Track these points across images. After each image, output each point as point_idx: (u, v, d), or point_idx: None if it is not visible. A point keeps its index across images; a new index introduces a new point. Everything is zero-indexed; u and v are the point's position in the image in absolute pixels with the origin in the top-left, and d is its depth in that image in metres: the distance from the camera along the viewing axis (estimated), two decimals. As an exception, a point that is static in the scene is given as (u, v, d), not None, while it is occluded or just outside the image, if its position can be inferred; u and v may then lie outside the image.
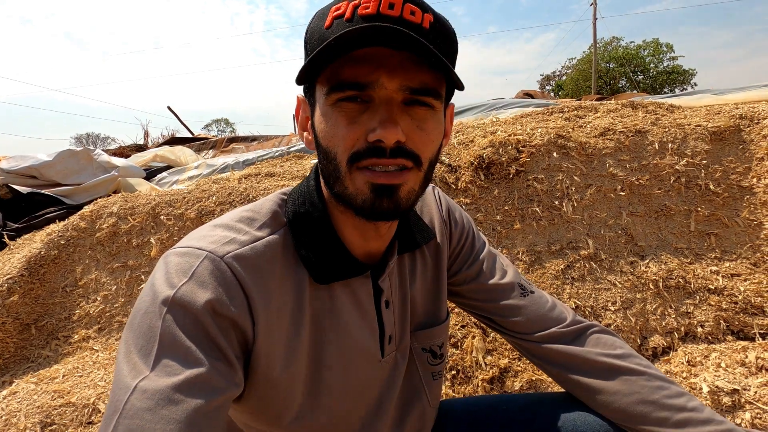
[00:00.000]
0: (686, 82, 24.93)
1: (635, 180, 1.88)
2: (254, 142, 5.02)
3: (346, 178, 0.52)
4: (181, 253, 0.51)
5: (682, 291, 1.69)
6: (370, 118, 0.50)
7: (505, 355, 1.60)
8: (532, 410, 0.74)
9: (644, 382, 0.65)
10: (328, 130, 0.51)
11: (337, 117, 0.50)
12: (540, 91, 8.68)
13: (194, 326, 0.46)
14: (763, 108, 1.95)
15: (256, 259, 0.53)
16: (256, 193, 2.36)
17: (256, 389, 0.54)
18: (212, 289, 0.48)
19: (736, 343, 1.55)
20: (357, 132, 0.50)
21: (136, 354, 0.45)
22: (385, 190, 0.51)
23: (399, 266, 0.67)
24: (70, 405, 1.61)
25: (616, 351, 0.68)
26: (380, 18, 0.47)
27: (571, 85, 26.58)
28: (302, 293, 0.56)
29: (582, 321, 0.73)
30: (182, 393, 0.42)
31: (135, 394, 0.42)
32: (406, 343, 0.68)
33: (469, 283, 0.74)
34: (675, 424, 0.61)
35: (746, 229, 1.78)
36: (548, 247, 1.84)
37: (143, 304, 0.48)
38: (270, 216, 0.58)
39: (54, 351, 2.05)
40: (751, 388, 1.35)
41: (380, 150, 0.49)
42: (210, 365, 0.45)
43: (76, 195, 2.92)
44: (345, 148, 0.51)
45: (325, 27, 0.50)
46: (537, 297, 0.74)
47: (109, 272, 2.22)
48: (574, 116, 2.26)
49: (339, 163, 0.51)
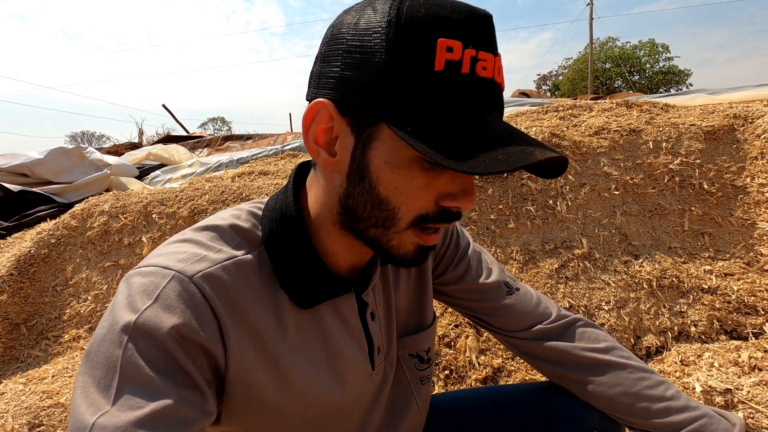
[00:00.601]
0: (682, 83, 25.07)
1: (629, 179, 1.88)
2: (249, 140, 5.00)
3: (396, 234, 0.49)
4: (145, 273, 0.47)
5: (676, 290, 1.69)
6: (448, 183, 0.47)
7: (499, 354, 1.59)
8: (519, 399, 0.76)
9: (627, 374, 0.68)
10: (400, 185, 0.46)
11: (416, 175, 0.45)
12: (536, 91, 8.69)
13: (159, 353, 0.43)
14: (757, 107, 1.95)
15: (229, 280, 0.49)
16: (249, 192, 2.35)
17: (238, 412, 0.52)
18: (180, 312, 0.44)
19: (729, 343, 1.55)
20: (432, 194, 0.47)
21: (94, 387, 0.41)
22: (428, 250, 0.51)
23: (382, 275, 0.65)
24: (59, 406, 1.59)
25: (600, 345, 0.71)
26: (494, 85, 0.45)
27: (568, 84, 26.66)
28: (285, 317, 0.53)
29: (567, 315, 0.74)
30: (147, 428, 0.39)
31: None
32: (393, 352, 0.67)
33: (455, 283, 0.74)
34: (656, 413, 0.64)
35: (740, 228, 1.78)
36: (542, 246, 1.83)
37: (101, 331, 0.44)
38: (243, 234, 0.54)
39: (44, 351, 2.03)
40: (744, 388, 1.34)
41: (451, 215, 0.48)
42: (178, 395, 0.42)
43: (68, 193, 2.89)
44: (414, 208, 0.47)
45: (435, 68, 0.41)
46: (522, 294, 0.74)
47: (100, 271, 2.20)
48: (569, 115, 2.26)
49: (399, 219, 0.48)
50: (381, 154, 0.45)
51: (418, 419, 0.72)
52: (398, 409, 0.69)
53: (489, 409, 0.77)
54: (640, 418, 0.65)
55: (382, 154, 0.45)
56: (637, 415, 0.65)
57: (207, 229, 0.53)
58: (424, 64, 0.41)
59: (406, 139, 0.41)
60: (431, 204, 0.47)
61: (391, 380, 0.67)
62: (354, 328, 0.60)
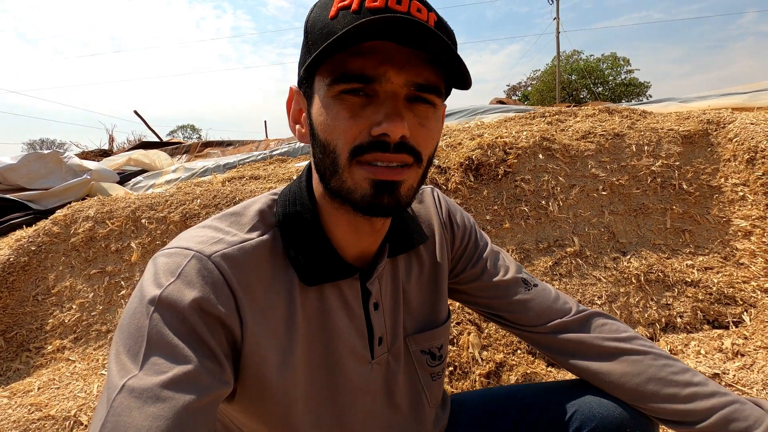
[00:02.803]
0: (642, 94, 26.39)
1: (615, 180, 1.98)
2: (230, 146, 4.93)
3: (344, 172, 0.51)
4: (168, 254, 0.51)
5: (662, 284, 1.78)
6: (374, 112, 0.49)
7: (500, 350, 1.64)
8: (547, 398, 0.75)
9: (650, 361, 0.67)
10: (329, 123, 0.50)
11: (339, 109, 0.49)
12: (511, 99, 8.99)
13: (182, 325, 0.46)
14: (727, 114, 2.10)
15: (244, 259, 0.53)
16: (242, 196, 2.32)
17: (249, 390, 0.54)
18: (199, 287, 0.48)
19: (713, 332, 1.65)
20: (360, 125, 0.49)
21: (124, 354, 0.45)
22: (385, 187, 0.51)
23: (392, 268, 0.67)
24: (50, 418, 1.51)
25: (621, 334, 0.71)
26: (388, 12, 0.46)
27: (536, 95, 27.59)
28: (293, 296, 0.56)
29: (585, 309, 0.75)
30: (170, 390, 0.43)
31: (123, 393, 0.42)
32: (399, 345, 0.68)
33: (474, 281, 0.76)
34: (684, 399, 0.63)
35: (716, 225, 1.91)
36: (536, 245, 1.90)
37: (132, 305, 0.48)
38: (259, 217, 0.58)
39: (25, 363, 1.93)
40: (730, 372, 1.44)
41: (384, 144, 0.49)
42: (198, 363, 0.45)
43: (44, 200, 2.77)
44: (346, 141, 0.50)
45: (329, 17, 0.49)
46: (541, 290, 0.75)
47: (85, 279, 2.11)
48: (556, 120, 2.36)
49: (338, 156, 0.50)
50: (316, 104, 0.52)
51: (427, 416, 0.72)
52: (409, 404, 0.70)
53: (515, 409, 0.76)
54: (668, 404, 0.64)
55: (316, 103, 0.52)
56: (664, 401, 0.64)
57: (225, 216, 0.58)
58: (324, 17, 0.50)
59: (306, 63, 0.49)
60: (364, 135, 0.50)
61: (401, 375, 0.68)
62: (356, 315, 0.62)
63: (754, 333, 1.57)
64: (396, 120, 0.48)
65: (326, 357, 0.59)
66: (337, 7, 0.48)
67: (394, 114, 0.48)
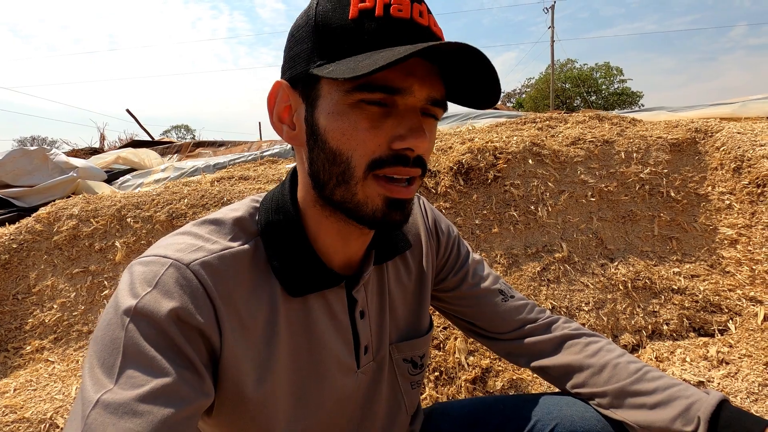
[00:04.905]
0: (634, 104, 26.72)
1: (604, 186, 1.98)
2: (222, 147, 4.89)
3: (357, 184, 0.49)
4: (145, 262, 0.49)
5: (649, 291, 1.79)
6: (396, 125, 0.48)
7: (486, 355, 1.62)
8: (530, 409, 0.74)
9: (586, 339, 0.73)
10: (345, 131, 0.47)
11: (359, 118, 0.47)
12: (505, 106, 9.05)
13: (159, 336, 0.44)
14: (714, 123, 2.12)
15: (224, 268, 0.51)
16: (230, 196, 2.29)
17: (225, 404, 0.52)
18: (177, 297, 0.46)
19: (698, 339, 1.65)
20: (380, 137, 0.48)
21: (98, 367, 0.43)
22: (399, 205, 0.51)
23: (378, 276, 0.66)
24: (24, 420, 1.47)
25: (575, 331, 0.75)
26: (414, 25, 0.46)
27: (530, 103, 27.83)
28: (276, 306, 0.54)
29: (552, 316, 0.78)
30: (147, 404, 0.41)
31: (97, 408, 0.40)
32: (384, 353, 0.67)
33: (453, 290, 0.76)
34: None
35: (703, 233, 1.92)
36: (525, 251, 1.90)
37: (106, 316, 0.46)
38: (241, 225, 0.56)
39: (2, 364, 1.88)
40: (715, 380, 1.44)
41: (405, 159, 0.48)
42: (176, 375, 0.43)
43: (29, 197, 2.72)
44: (365, 152, 0.48)
45: (349, 17, 0.46)
46: (516, 300, 0.77)
47: (67, 278, 2.07)
48: (546, 126, 2.37)
49: (353, 168, 0.48)
50: (324, 108, 0.48)
51: (403, 423, 0.73)
52: (389, 411, 0.70)
53: (499, 419, 0.75)
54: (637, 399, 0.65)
55: (325, 108, 0.48)
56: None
57: (205, 223, 0.55)
58: (341, 16, 0.46)
59: (325, 74, 0.45)
60: (384, 148, 0.48)
61: (384, 383, 0.67)
62: (341, 324, 0.60)
63: (739, 341, 1.58)
64: (421, 135, 0.47)
65: (311, 368, 0.57)
66: (357, 7, 0.46)
67: (418, 129, 0.48)
